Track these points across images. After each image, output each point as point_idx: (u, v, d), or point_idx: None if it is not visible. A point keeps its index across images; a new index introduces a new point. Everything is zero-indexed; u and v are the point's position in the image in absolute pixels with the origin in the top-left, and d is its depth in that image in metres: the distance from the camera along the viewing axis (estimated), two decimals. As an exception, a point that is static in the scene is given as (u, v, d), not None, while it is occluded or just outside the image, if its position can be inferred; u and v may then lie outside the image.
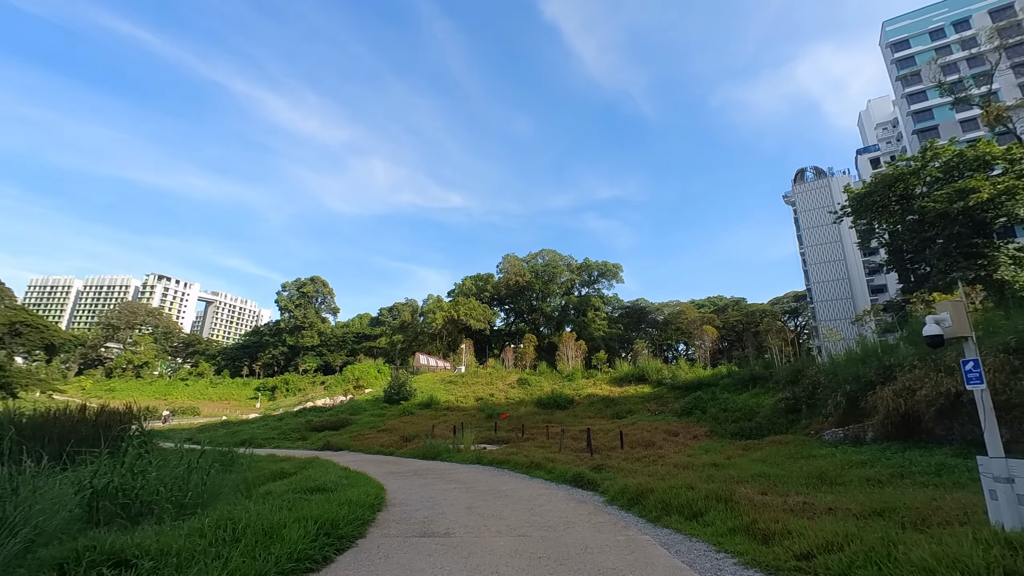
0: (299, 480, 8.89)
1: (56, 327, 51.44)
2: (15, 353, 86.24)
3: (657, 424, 22.00)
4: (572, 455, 16.04)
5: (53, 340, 47.86)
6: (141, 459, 6.00)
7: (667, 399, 27.96)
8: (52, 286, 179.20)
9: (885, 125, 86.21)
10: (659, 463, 13.76)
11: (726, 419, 21.40)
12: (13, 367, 41.66)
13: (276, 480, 10.28)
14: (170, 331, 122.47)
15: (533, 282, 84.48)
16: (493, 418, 27.15)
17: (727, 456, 14.50)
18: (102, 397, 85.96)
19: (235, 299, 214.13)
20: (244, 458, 14.84)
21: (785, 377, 22.18)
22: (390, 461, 16.22)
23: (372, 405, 32.69)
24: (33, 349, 48.17)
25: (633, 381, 32.58)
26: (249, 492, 7.38)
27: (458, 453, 16.88)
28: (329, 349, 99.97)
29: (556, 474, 11.73)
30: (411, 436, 22.10)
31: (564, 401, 30.28)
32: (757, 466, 11.66)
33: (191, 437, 28.75)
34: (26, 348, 47.38)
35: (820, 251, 72.69)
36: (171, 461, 7.11)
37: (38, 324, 46.99)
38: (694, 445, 17.91)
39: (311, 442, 23.47)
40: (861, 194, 45.20)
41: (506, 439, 21.58)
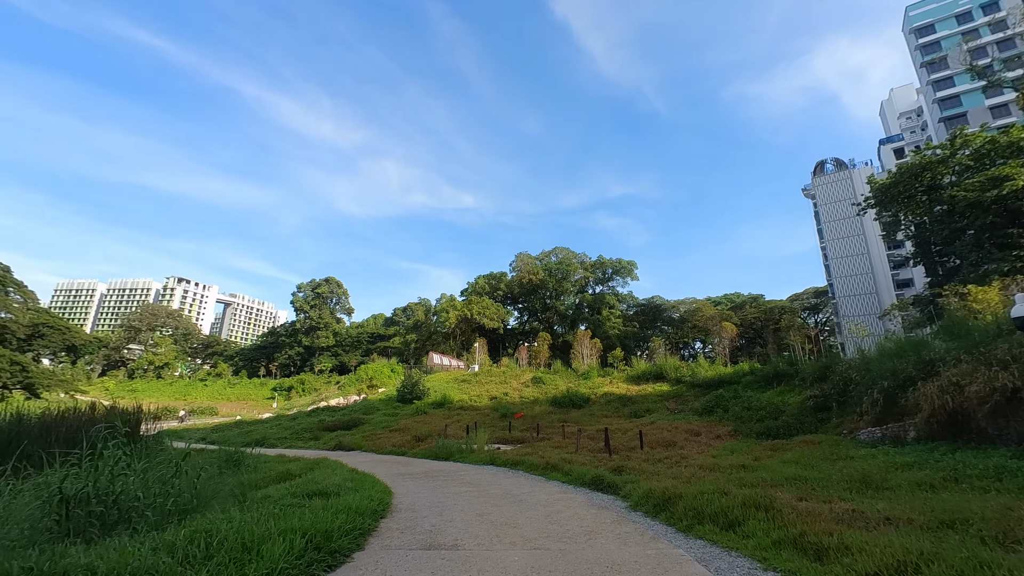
0: (301, 483, 8.39)
1: (77, 328, 52.33)
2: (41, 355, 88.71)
3: (677, 423, 21.17)
4: (589, 456, 15.36)
5: (74, 341, 48.66)
6: (120, 461, 5.52)
7: (687, 397, 27.05)
8: (77, 290, 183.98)
9: (909, 114, 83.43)
10: (682, 465, 13.00)
11: (750, 418, 20.47)
12: (36, 368, 42.34)
13: (280, 482, 9.82)
14: (189, 333, 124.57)
15: (546, 280, 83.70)
16: (507, 417, 26.57)
17: (754, 457, 13.67)
18: (124, 397, 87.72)
19: (252, 301, 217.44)
20: (252, 459, 14.50)
21: (812, 374, 21.17)
22: (401, 462, 15.73)
23: (385, 404, 32.35)
24: (55, 350, 48.98)
25: (651, 379, 31.66)
26: (244, 497, 6.89)
27: (471, 453, 16.33)
28: (344, 349, 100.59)
29: (574, 476, 11.08)
30: (424, 436, 21.62)
31: (580, 400, 29.54)
32: (790, 468, 10.85)
33: (204, 437, 28.79)
34: (49, 349, 48.15)
35: (842, 245, 70.52)
36: (162, 463, 6.64)
37: (60, 326, 47.78)
38: (718, 445, 17.06)
39: (323, 442, 23.17)
40: (886, 184, 43.52)
41: (521, 439, 20.97)
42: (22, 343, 44.51)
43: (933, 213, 41.04)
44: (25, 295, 47.57)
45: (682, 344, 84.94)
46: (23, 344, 44.60)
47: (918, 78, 70.89)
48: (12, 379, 41.32)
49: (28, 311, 46.77)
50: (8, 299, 44.08)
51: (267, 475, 11.16)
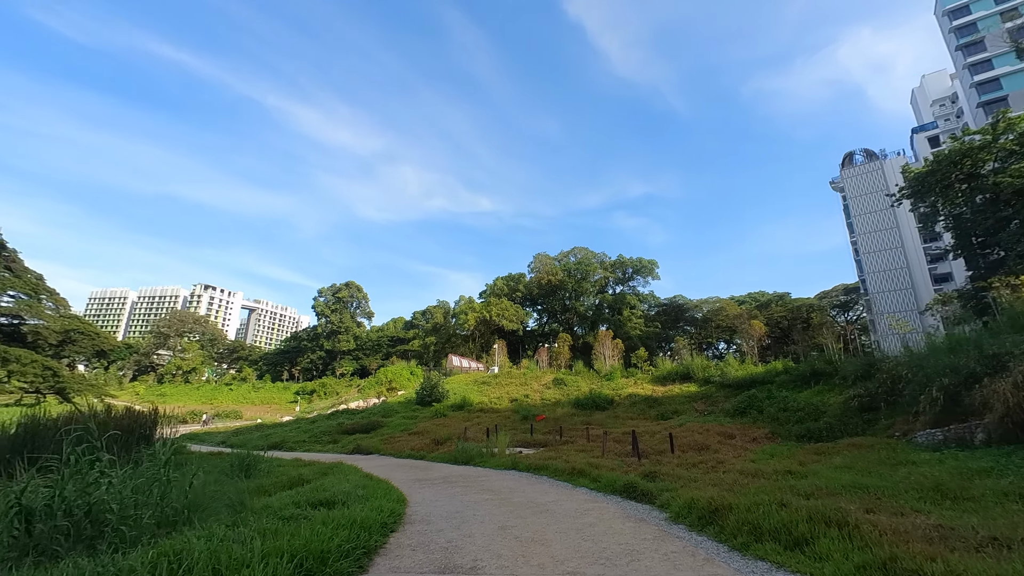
0: (308, 491, 7.77)
1: (106, 334, 53.60)
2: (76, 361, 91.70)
3: (709, 425, 20.03)
4: (617, 460, 14.47)
5: (103, 347, 49.79)
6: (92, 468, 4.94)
7: (716, 398, 25.79)
8: (110, 298, 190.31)
9: (943, 101, 79.73)
10: (720, 470, 12.01)
11: (787, 419, 19.22)
12: (67, 373, 43.34)
13: (289, 489, 9.23)
14: (215, 338, 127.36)
15: (566, 281, 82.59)
16: (528, 420, 25.75)
17: (799, 462, 12.58)
18: (154, 402, 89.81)
19: (276, 306, 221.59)
20: (265, 463, 14.05)
21: (854, 372, 19.80)
22: (419, 466, 15.08)
23: (404, 407, 31.89)
24: (86, 355, 50.13)
25: (677, 379, 30.42)
26: (243, 507, 6.27)
27: (492, 457, 15.58)
28: (365, 353, 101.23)
29: (603, 483, 10.22)
30: (443, 439, 20.97)
31: (603, 401, 28.52)
32: (844, 475, 9.79)
33: (224, 440, 28.76)
34: (80, 355, 49.29)
35: (874, 239, 67.56)
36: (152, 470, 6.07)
37: (90, 332, 48.86)
38: (755, 449, 15.95)
39: (341, 445, 22.74)
40: (923, 173, 41.30)
41: (543, 442, 20.14)
42: (54, 349, 45.61)
43: (974, 202, 38.75)
44: (57, 302, 48.75)
45: (706, 344, 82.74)
46: (55, 350, 45.70)
47: (953, 62, 67.56)
48: (44, 384, 42.32)
49: (60, 318, 47.85)
50: (40, 306, 45.23)
51: (278, 481, 10.61)
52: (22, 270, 46.22)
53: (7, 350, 39.58)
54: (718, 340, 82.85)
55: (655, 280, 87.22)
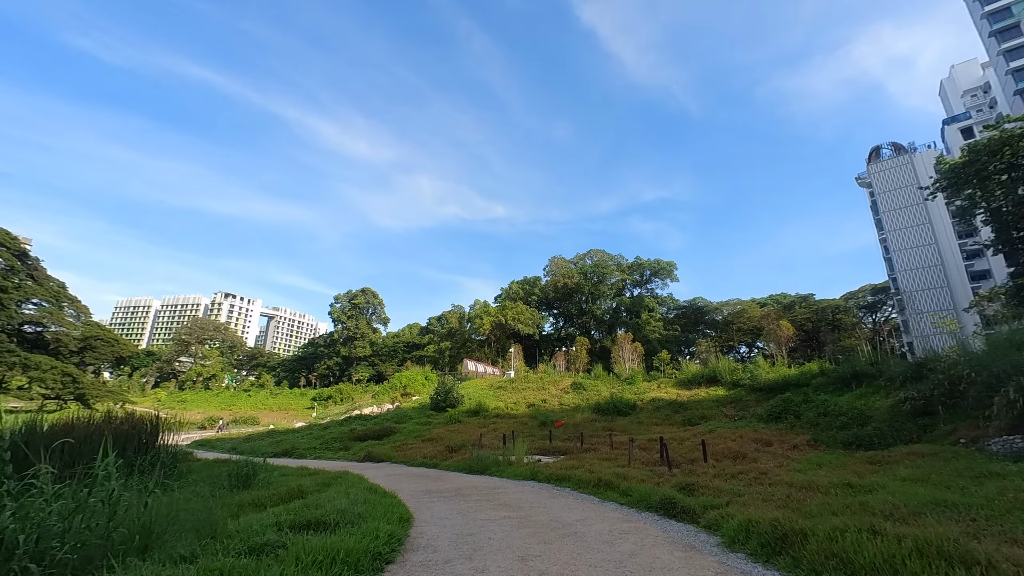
0: (299, 508, 6.80)
1: (125, 341, 54.06)
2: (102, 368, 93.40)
3: (742, 431, 18.59)
4: (645, 470, 13.23)
5: (122, 353, 50.14)
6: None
7: (747, 402, 24.25)
8: (134, 307, 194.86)
9: (974, 91, 76.41)
10: (764, 482, 10.71)
11: (829, 425, 17.69)
12: (87, 379, 43.61)
13: (284, 503, 8.29)
14: (235, 345, 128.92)
15: (582, 284, 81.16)
16: (547, 426, 24.55)
17: (855, 473, 11.20)
18: (174, 408, 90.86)
19: (294, 314, 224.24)
20: (267, 472, 13.20)
21: (902, 373, 18.20)
22: (431, 476, 14.05)
23: (418, 413, 30.96)
24: (105, 362, 50.55)
25: (703, 383, 28.88)
26: (214, 530, 5.29)
27: (509, 466, 14.47)
28: (381, 359, 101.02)
29: (635, 497, 9.04)
30: (457, 446, 19.93)
31: (625, 406, 27.16)
32: (918, 489, 8.43)
33: (235, 447, 28.20)
34: (99, 361, 49.68)
35: (905, 236, 64.68)
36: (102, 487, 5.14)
37: (109, 338, 49.28)
38: (798, 457, 14.52)
39: (352, 452, 21.87)
40: (959, 164, 39.03)
41: (563, 449, 18.95)
42: (75, 355, 46.00)
43: (1016, 194, 36.44)
44: (79, 309, 49.28)
45: (727, 348, 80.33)
46: (76, 356, 46.09)
47: (986, 50, 64.61)
48: (64, 390, 42.59)
49: (81, 325, 48.32)
50: (61, 313, 45.67)
51: (275, 493, 9.69)
52: (44, 278, 46.84)
53: (28, 356, 39.93)
54: (740, 343, 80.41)
55: (674, 282, 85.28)
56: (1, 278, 40.98)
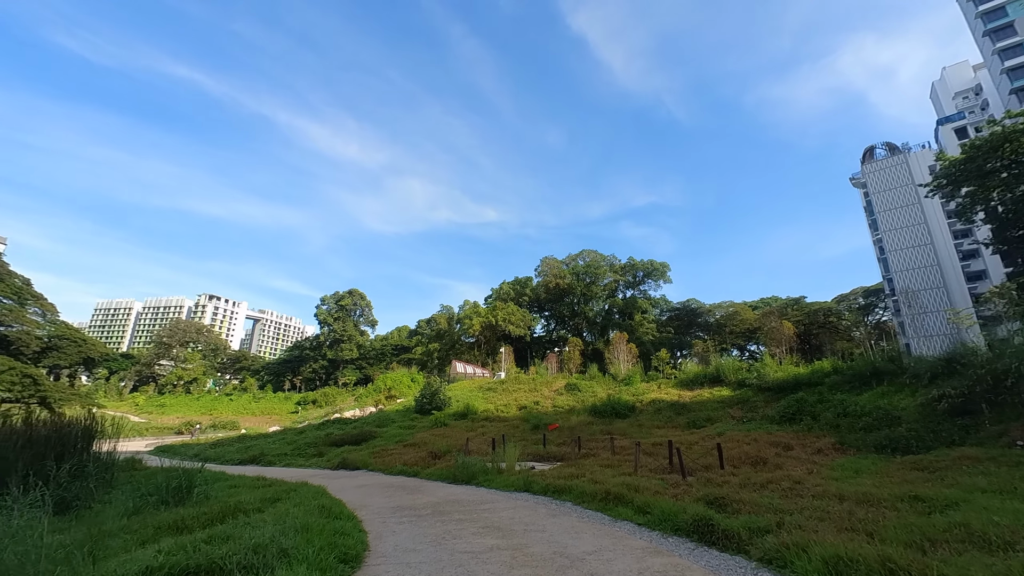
0: (202, 541, 4.87)
1: (93, 340, 51.25)
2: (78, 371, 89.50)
3: (756, 434, 16.89)
4: (655, 478, 11.44)
5: (90, 353, 47.33)
6: None
7: (754, 403, 22.62)
8: (115, 309, 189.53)
9: (965, 93, 76.47)
10: (803, 493, 8.97)
11: (852, 426, 16.06)
12: (48, 382, 40.86)
13: (213, 524, 6.37)
14: (217, 348, 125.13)
15: (574, 285, 79.45)
16: (540, 429, 22.70)
17: (903, 480, 9.52)
18: (152, 412, 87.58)
19: (280, 316, 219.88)
20: (216, 481, 11.22)
21: (929, 369, 16.65)
22: (408, 486, 12.11)
23: (401, 416, 28.91)
24: (72, 362, 47.70)
25: (706, 383, 27.22)
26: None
27: (499, 475, 12.60)
28: (368, 362, 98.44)
29: (656, 516, 7.22)
30: (441, 452, 17.99)
31: (623, 408, 25.38)
32: (1013, 504, 6.73)
33: (199, 453, 25.93)
34: (65, 361, 46.86)
35: (901, 236, 63.94)
36: None
37: (76, 338, 46.49)
38: (828, 463, 12.83)
39: (327, 459, 19.81)
40: (959, 161, 38.18)
41: (559, 455, 17.11)
42: (37, 355, 43.18)
43: (1015, 192, 35.52)
44: (44, 308, 46.40)
45: (720, 350, 79.23)
46: (38, 356, 43.27)
47: (980, 50, 64.44)
48: (24, 391, 39.84)
49: (44, 324, 45.49)
50: (23, 311, 42.86)
51: (207, 511, 7.72)
52: (6, 274, 44.05)
53: (-18, 357, 37.20)
54: (732, 346, 79.28)
55: (667, 284, 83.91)
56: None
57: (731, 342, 77.91)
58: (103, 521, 8.43)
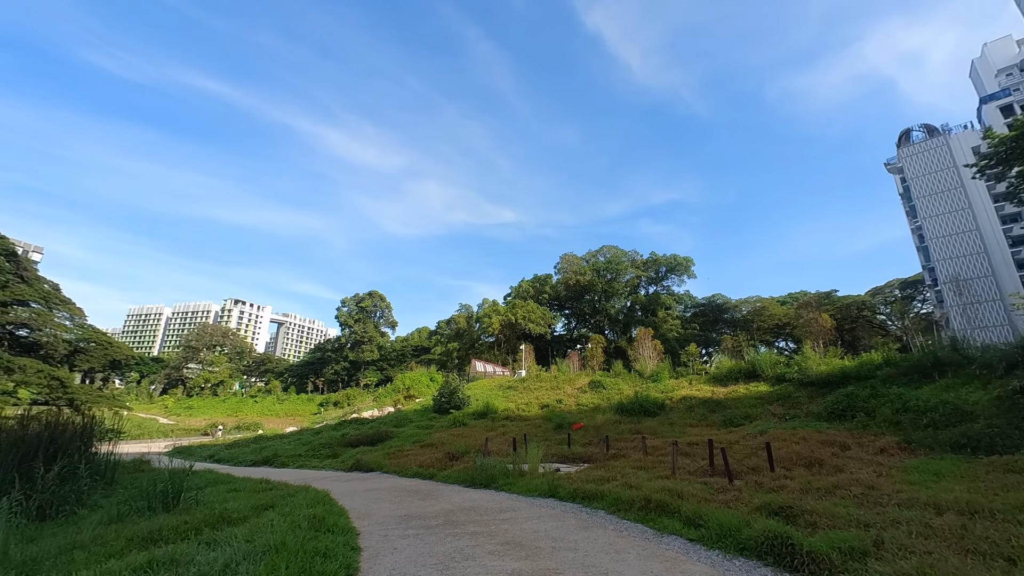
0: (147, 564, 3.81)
1: (119, 343, 52.07)
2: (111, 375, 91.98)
3: (803, 432, 15.29)
4: (696, 482, 10.10)
5: (116, 356, 47.94)
6: None
7: (797, 399, 20.89)
8: (146, 314, 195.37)
9: (1009, 70, 71.74)
10: (883, 500, 7.53)
11: (916, 423, 14.33)
12: (75, 384, 41.48)
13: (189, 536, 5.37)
14: (243, 351, 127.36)
15: (595, 282, 77.68)
16: (563, 429, 21.44)
17: (1005, 486, 7.96)
18: (180, 414, 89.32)
19: (304, 319, 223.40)
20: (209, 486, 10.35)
21: (1004, 359, 14.78)
22: (421, 491, 11.03)
23: (419, 415, 28.00)
24: (99, 365, 48.45)
25: (741, 378, 25.48)
26: None
27: (520, 478, 11.42)
28: (389, 363, 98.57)
29: (712, 530, 5.92)
30: (459, 453, 16.90)
31: (652, 406, 23.89)
32: None
33: (213, 454, 25.55)
34: (92, 364, 47.61)
35: (943, 222, 60.32)
36: None
37: (102, 341, 47.17)
38: (897, 464, 11.24)
39: (341, 460, 18.95)
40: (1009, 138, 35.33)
41: (585, 456, 15.83)
42: (65, 358, 43.94)
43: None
44: (72, 312, 47.34)
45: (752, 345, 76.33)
46: (66, 360, 44.02)
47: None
48: (52, 394, 40.46)
49: (75, 328, 46.36)
50: (51, 315, 43.65)
51: (190, 520, 6.77)
52: (35, 279, 44.97)
53: (12, 359, 37.85)
54: (760, 342, 76.31)
55: (691, 279, 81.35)
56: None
57: (759, 338, 75.06)
58: (81, 530, 7.61)
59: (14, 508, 8.66)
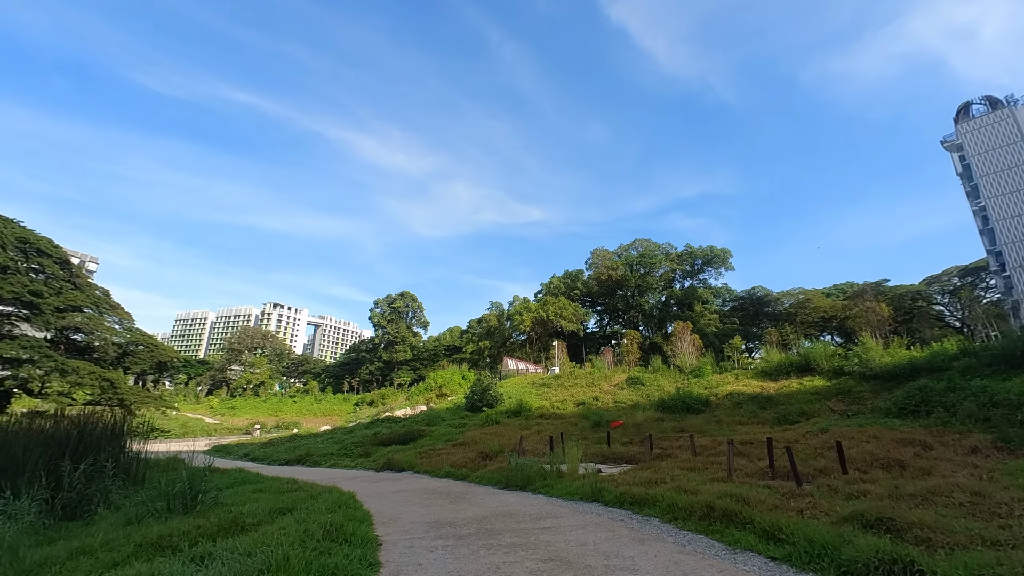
0: None
1: (164, 345, 54.07)
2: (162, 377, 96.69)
3: (872, 430, 13.74)
4: (757, 485, 8.96)
5: (162, 358, 49.75)
6: None
7: (859, 394, 19.10)
8: (192, 319, 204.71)
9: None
10: (1003, 512, 6.26)
11: (1009, 419, 12.58)
12: (125, 385, 43.20)
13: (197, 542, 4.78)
14: (282, 352, 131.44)
15: (627, 276, 75.58)
16: (601, 427, 20.38)
17: None
18: (225, 414, 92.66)
19: (339, 322, 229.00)
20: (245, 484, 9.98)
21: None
22: (453, 493, 10.29)
23: (451, 414, 27.47)
24: (146, 366, 50.47)
25: (793, 372, 23.66)
26: None
27: (559, 480, 10.53)
28: (422, 363, 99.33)
29: (799, 547, 4.87)
30: (493, 452, 16.15)
31: (696, 402, 22.46)
32: None
33: (249, 453, 25.79)
34: (139, 365, 49.61)
35: (1010, 202, 55.42)
36: None
37: (148, 343, 49.05)
38: (996, 466, 9.73)
39: (372, 459, 18.54)
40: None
41: (627, 456, 14.78)
42: (115, 360, 45.90)
43: None
44: (121, 316, 49.47)
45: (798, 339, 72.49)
46: (116, 361, 45.97)
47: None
48: (104, 395, 42.18)
49: (123, 331, 48.43)
50: (101, 319, 45.61)
51: (202, 525, 6.24)
52: (86, 285, 47.15)
53: (65, 362, 39.65)
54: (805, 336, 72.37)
55: (729, 271, 78.00)
56: (42, 284, 41.06)
57: (803, 332, 71.23)
58: (97, 532, 7.24)
59: (40, 507, 8.48)
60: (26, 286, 37.27)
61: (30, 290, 37.53)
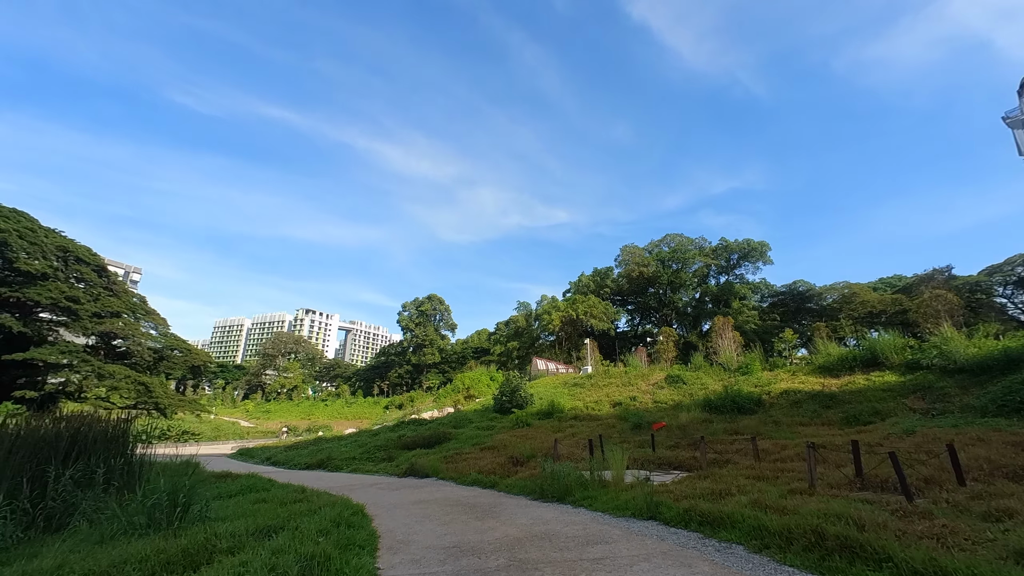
0: None
1: (197, 349, 55.05)
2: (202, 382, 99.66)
3: (976, 432, 11.57)
4: (853, 499, 7.18)
5: (195, 362, 50.53)
6: None
7: (943, 390, 16.67)
8: (229, 326, 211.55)
9: None
10: None
11: None
12: (159, 390, 43.81)
13: None
14: (314, 357, 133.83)
15: (659, 273, 72.80)
16: (642, 429, 18.60)
17: None
18: (260, 418, 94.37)
19: (369, 326, 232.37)
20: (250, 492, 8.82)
21: None
22: (479, 506, 8.85)
23: (479, 416, 26.13)
24: (180, 370, 51.38)
25: (857, 367, 21.20)
26: None
27: (603, 490, 8.93)
28: (450, 366, 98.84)
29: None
30: (523, 457, 14.65)
31: (747, 401, 20.33)
32: None
33: (271, 456, 25.11)
34: (174, 370, 50.53)
35: (1088, 181, 50.02)
36: None
37: (182, 348, 49.87)
38: None
39: (395, 464, 17.34)
40: None
41: (676, 461, 13.03)
42: (150, 365, 46.75)
43: None
44: (156, 322, 50.56)
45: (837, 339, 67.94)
46: (151, 366, 46.82)
47: None
48: (139, 399, 42.83)
49: (159, 336, 49.44)
50: (137, 325, 46.53)
51: (176, 547, 5.01)
52: (123, 292, 48.29)
53: (102, 366, 40.43)
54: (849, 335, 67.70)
55: (767, 265, 74.18)
56: (80, 291, 42.08)
57: (848, 328, 66.77)
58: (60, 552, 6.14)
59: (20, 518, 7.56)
60: (64, 292, 38.22)
61: (67, 296, 38.49)
